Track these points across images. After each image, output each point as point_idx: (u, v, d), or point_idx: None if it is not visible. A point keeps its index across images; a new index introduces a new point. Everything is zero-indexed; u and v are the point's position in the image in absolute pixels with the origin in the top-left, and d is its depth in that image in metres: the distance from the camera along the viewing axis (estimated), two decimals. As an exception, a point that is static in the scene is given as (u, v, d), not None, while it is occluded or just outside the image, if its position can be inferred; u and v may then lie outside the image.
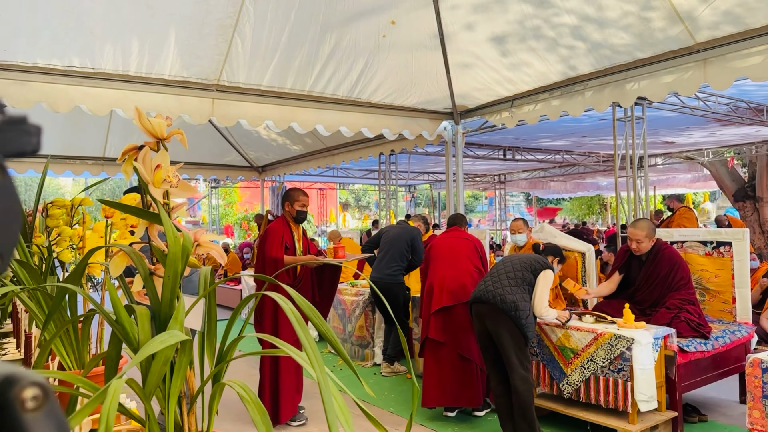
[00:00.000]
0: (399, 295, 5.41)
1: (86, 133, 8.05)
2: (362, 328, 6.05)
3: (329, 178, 16.56)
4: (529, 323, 3.56)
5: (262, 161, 10.77)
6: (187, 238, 1.01)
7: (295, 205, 4.16)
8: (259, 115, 5.20)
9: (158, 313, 1.01)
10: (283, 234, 4.07)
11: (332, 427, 0.80)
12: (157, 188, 1.01)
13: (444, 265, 4.42)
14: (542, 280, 3.70)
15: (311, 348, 0.87)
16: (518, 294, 3.59)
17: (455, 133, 6.38)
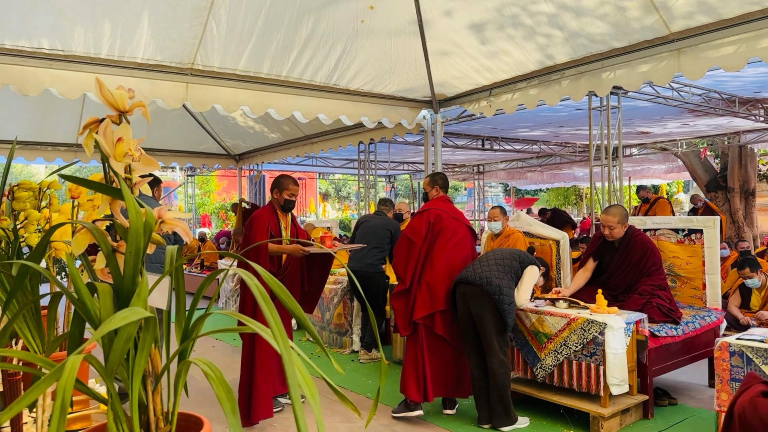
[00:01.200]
0: (379, 284, 5.42)
1: (58, 118, 7.87)
2: (340, 316, 6.05)
3: (308, 168, 16.45)
4: (511, 310, 3.65)
5: (239, 149, 10.65)
6: (149, 214, 0.99)
7: (284, 193, 4.06)
8: (234, 100, 5.13)
9: (120, 290, 0.99)
10: (269, 221, 3.97)
11: (294, 401, 0.79)
12: (118, 162, 0.99)
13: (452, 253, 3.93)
14: (529, 274, 3.82)
15: (275, 322, 0.86)
16: (504, 280, 3.65)
17: (434, 122, 6.38)
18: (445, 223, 3.95)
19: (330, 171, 19.57)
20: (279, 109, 5.37)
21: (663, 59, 4.22)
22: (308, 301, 4.24)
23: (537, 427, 3.75)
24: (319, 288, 4.27)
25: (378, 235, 5.61)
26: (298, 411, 0.77)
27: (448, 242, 3.92)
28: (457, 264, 3.92)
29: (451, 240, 3.93)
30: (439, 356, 3.92)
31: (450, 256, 3.91)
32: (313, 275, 4.21)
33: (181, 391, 1.07)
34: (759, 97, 8.30)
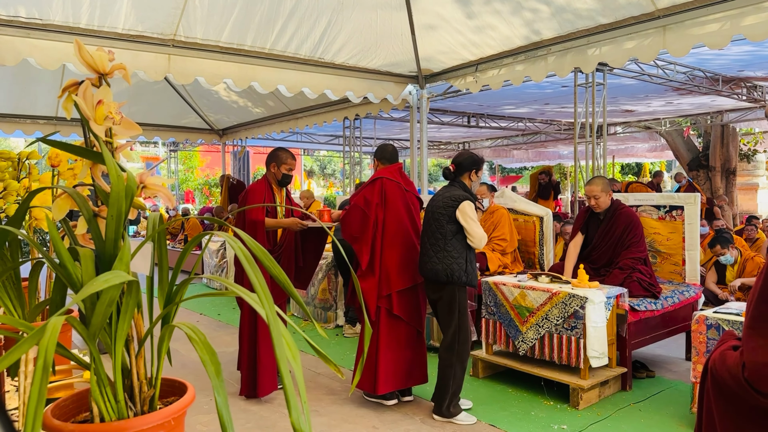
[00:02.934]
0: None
1: (38, 90, 7.69)
2: (325, 291, 6.08)
3: (293, 144, 16.30)
4: (469, 274, 3.40)
5: (222, 124, 10.53)
6: (131, 178, 0.98)
7: (282, 167, 3.92)
8: (217, 73, 5.06)
9: (102, 254, 0.98)
10: (265, 196, 3.88)
11: (281, 363, 0.80)
12: (98, 125, 0.97)
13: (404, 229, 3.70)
14: (462, 217, 3.38)
15: (261, 288, 0.86)
16: (446, 258, 3.36)
17: (420, 98, 6.35)
18: (398, 193, 3.68)
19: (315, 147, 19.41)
20: (263, 83, 5.30)
21: (648, 36, 4.23)
22: (302, 277, 4.18)
23: (518, 398, 3.83)
24: (313, 264, 4.22)
25: None
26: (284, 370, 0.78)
27: (403, 215, 3.67)
28: (412, 240, 3.69)
29: (408, 213, 3.70)
30: (395, 344, 3.64)
31: (405, 230, 3.67)
32: (308, 251, 4.15)
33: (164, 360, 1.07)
34: (742, 76, 8.37)
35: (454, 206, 3.43)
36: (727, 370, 1.05)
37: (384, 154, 3.81)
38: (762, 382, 0.99)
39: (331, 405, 3.77)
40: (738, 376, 1.03)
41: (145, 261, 1.13)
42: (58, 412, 0.97)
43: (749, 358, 1.01)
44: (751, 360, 1.01)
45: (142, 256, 1.13)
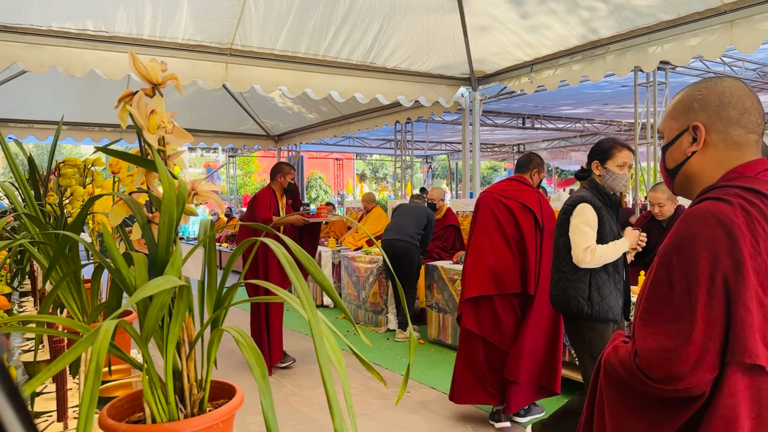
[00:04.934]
0: (415, 259, 5.41)
1: (104, 99, 8.09)
2: (376, 295, 6.10)
3: (345, 148, 16.49)
4: (595, 304, 2.60)
5: (278, 130, 10.75)
6: (182, 185, 1.00)
7: (288, 177, 4.63)
8: (272, 80, 5.17)
9: (155, 259, 1.01)
10: (270, 200, 4.56)
11: (323, 366, 0.80)
12: (152, 134, 1.00)
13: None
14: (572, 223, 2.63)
15: (303, 290, 0.86)
16: (560, 281, 2.68)
17: (473, 100, 6.28)
18: (485, 197, 3.51)
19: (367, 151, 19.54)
20: (316, 89, 5.38)
21: (714, 32, 4.02)
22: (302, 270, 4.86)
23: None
24: (312, 253, 4.88)
25: (417, 214, 5.61)
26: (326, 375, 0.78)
27: (488, 220, 3.42)
28: (493, 247, 3.41)
29: (493, 217, 3.43)
30: (464, 354, 3.45)
31: (486, 236, 3.44)
32: (305, 244, 4.70)
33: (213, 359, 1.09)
34: (820, 72, 7.84)
35: (569, 212, 2.67)
36: (619, 360, 1.11)
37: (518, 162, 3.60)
38: (651, 367, 1.05)
39: (382, 410, 3.76)
40: (630, 365, 1.08)
41: (197, 265, 1.16)
42: (113, 411, 1.00)
43: (640, 345, 1.07)
44: (642, 347, 1.06)
45: (194, 261, 1.15)
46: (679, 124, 1.21)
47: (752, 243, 1.03)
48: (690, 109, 1.20)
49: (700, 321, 1.03)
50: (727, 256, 1.03)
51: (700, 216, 1.07)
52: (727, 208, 1.06)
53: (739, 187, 1.10)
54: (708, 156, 1.18)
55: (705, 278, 1.03)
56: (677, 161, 1.22)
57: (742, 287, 1.02)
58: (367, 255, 6.34)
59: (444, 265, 5.28)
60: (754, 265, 1.02)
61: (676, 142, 1.22)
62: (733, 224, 1.04)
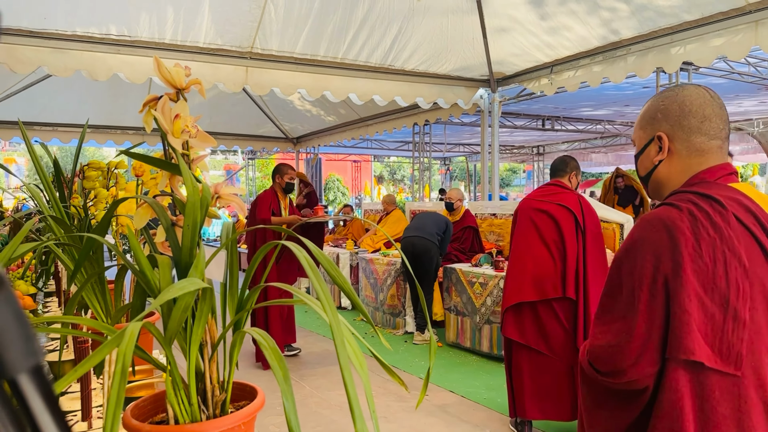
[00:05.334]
0: (434, 258, 5.40)
1: (127, 103, 8.22)
2: (394, 297, 6.10)
3: (363, 150, 16.53)
4: None
5: (297, 132, 10.82)
6: (206, 189, 1.01)
7: (285, 177, 4.78)
8: (292, 83, 5.20)
9: (179, 262, 1.02)
10: (271, 201, 4.71)
11: (344, 369, 0.80)
12: (176, 138, 1.01)
13: None
14: None
15: (324, 293, 0.86)
16: None
17: (492, 102, 6.26)
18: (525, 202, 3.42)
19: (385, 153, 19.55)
20: (335, 92, 5.40)
21: (739, 32, 3.95)
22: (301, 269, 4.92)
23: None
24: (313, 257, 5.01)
25: (437, 218, 5.61)
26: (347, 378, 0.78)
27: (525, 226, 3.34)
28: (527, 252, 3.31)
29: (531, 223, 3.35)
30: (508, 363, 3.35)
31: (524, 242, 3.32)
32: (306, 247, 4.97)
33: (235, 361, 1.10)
34: None
35: None
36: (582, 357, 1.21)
37: None
38: (599, 361, 1.14)
39: (401, 412, 3.76)
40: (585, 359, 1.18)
41: (219, 268, 1.17)
42: (137, 412, 1.02)
43: (591, 342, 1.17)
44: (593, 343, 1.16)
45: (216, 263, 1.16)
46: (646, 134, 1.28)
47: (694, 246, 1.09)
48: (654, 119, 1.26)
49: (641, 319, 1.11)
50: (668, 258, 1.09)
51: (649, 221, 1.15)
52: (675, 213, 1.13)
53: (694, 192, 1.16)
54: (673, 163, 1.24)
55: (647, 279, 1.10)
56: (647, 169, 1.29)
57: (680, 288, 1.08)
58: (385, 257, 6.35)
59: (462, 268, 5.26)
60: (694, 267, 1.08)
61: (645, 151, 1.28)
62: (677, 228, 1.10)
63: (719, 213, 1.11)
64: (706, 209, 1.12)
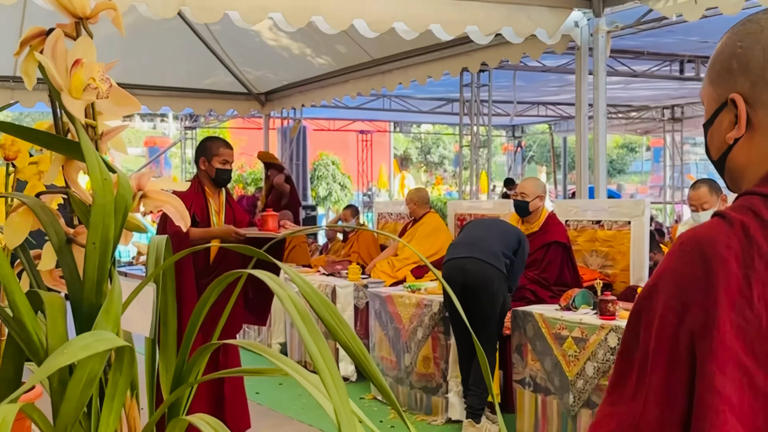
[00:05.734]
0: (498, 294, 5.37)
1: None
2: (428, 361, 6.09)
3: (377, 114, 16.59)
4: None
5: (266, 84, 10.89)
6: (123, 183, 1.03)
7: (214, 161, 4.75)
8: (259, 4, 5.24)
9: (79, 303, 1.04)
10: (192, 202, 4.58)
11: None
12: (75, 99, 1.03)
13: None
14: None
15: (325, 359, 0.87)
16: None
17: (594, 32, 6.24)
18: None
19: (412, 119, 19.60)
20: (330, 17, 5.42)
21: None
22: (256, 311, 4.98)
23: None
24: (268, 295, 4.77)
25: (504, 230, 5.59)
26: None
27: None
28: None
29: None
30: None
31: None
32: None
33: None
34: None
35: None
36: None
37: None
38: None
39: None
40: None
41: (144, 313, 1.18)
42: None
43: (592, 426, 1.23)
44: (592, 428, 1.23)
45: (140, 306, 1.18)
46: (717, 94, 1.28)
47: (741, 287, 1.08)
48: (728, 70, 1.25)
49: (654, 401, 1.13)
50: (698, 306, 1.10)
51: (683, 245, 1.17)
52: (722, 231, 1.13)
53: (763, 194, 1.16)
54: (756, 143, 1.23)
55: (667, 338, 1.13)
56: (719, 150, 1.29)
57: (709, 354, 1.08)
58: (413, 293, 6.35)
59: (545, 312, 5.24)
60: (736, 320, 1.08)
61: (716, 121, 1.28)
62: (717, 257, 1.10)
63: None
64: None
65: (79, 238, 1.09)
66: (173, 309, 1.18)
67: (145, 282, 1.08)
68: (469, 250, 5.42)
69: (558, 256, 5.96)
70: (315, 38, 8.50)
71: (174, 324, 1.17)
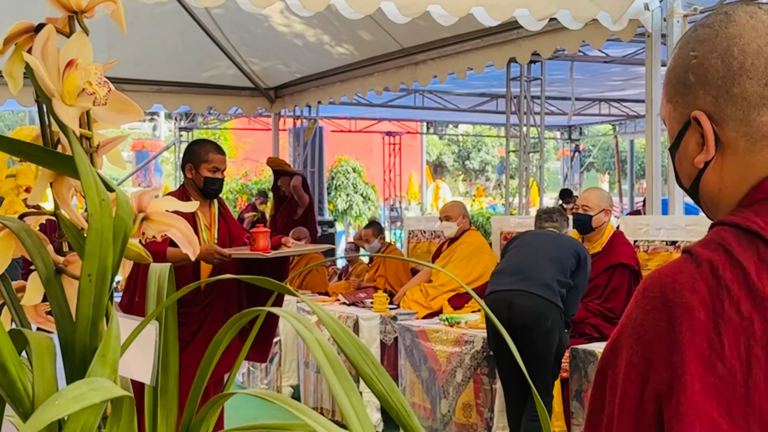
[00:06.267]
0: (554, 332, 5.33)
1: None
2: (469, 409, 6.08)
3: (407, 113, 16.59)
4: None
5: (276, 78, 10.93)
6: (124, 204, 1.04)
7: (203, 168, 4.85)
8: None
9: (71, 345, 1.05)
10: None
11: None
12: (68, 105, 1.04)
13: None
14: None
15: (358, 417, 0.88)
16: None
17: (668, 16, 6.23)
18: None
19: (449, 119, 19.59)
20: (355, 0, 5.45)
21: None
22: (256, 346, 4.80)
23: None
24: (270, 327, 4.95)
25: (558, 247, 5.56)
26: None
27: None
28: None
29: None
30: None
31: None
32: (257, 301, 4.69)
33: None
34: None
35: None
36: None
37: None
38: None
39: None
40: None
41: (145, 356, 1.19)
42: None
43: None
44: None
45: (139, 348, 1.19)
46: (678, 113, 1.30)
47: (709, 338, 1.09)
48: (685, 85, 1.27)
49: None
50: (663, 363, 1.12)
51: (646, 290, 1.19)
52: (687, 272, 1.15)
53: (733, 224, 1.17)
54: (728, 167, 1.25)
55: (632, 401, 1.14)
56: (690, 176, 1.32)
57: (677, 416, 1.09)
58: (451, 327, 6.34)
59: (610, 352, 5.21)
60: (707, 376, 1.09)
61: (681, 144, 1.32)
62: (681, 306, 1.12)
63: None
64: (746, 261, 1.12)
65: (70, 268, 1.10)
66: (175, 350, 1.19)
67: (146, 320, 1.09)
68: (516, 280, 5.37)
69: (624, 281, 5.90)
70: (334, 24, 8.54)
71: (176, 367, 1.18)
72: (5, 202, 1.87)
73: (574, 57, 9.70)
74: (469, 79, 9.38)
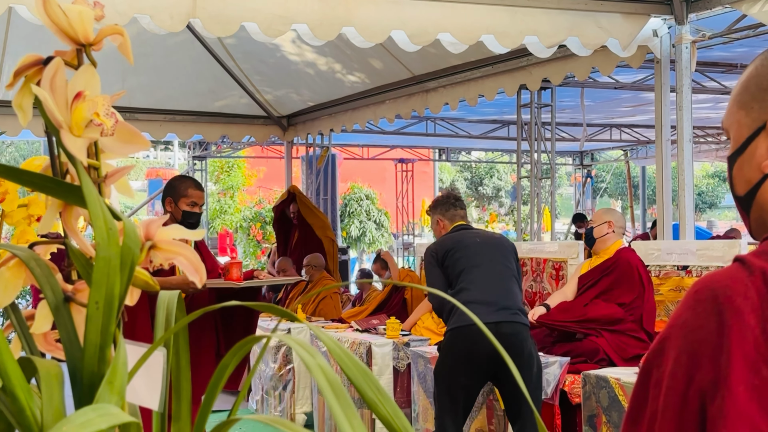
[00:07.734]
0: (533, 354, 5.31)
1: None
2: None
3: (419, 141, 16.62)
4: None
5: (288, 107, 10.95)
6: (131, 233, 1.05)
7: (181, 202, 5.10)
8: (282, 14, 5.30)
9: (79, 371, 1.06)
10: None
11: None
12: (76, 136, 1.06)
13: None
14: None
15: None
16: None
17: (677, 42, 6.24)
18: None
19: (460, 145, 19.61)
20: (364, 29, 5.47)
21: None
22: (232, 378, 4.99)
23: None
24: None
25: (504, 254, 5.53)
26: None
27: None
28: None
29: None
30: None
31: None
32: (234, 331, 5.01)
33: None
34: None
35: None
36: None
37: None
38: None
39: None
40: None
41: (152, 382, 1.20)
42: None
43: None
44: None
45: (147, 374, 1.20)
46: (750, 118, 1.31)
47: (756, 342, 1.12)
48: (766, 90, 1.28)
49: None
50: (709, 363, 1.14)
51: (698, 293, 1.21)
52: (739, 279, 1.17)
53: None
54: None
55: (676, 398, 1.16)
56: (749, 183, 1.32)
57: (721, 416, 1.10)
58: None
59: (621, 377, 5.19)
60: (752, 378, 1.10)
61: (749, 149, 1.31)
62: (732, 310, 1.14)
63: None
64: None
65: (78, 296, 1.11)
66: (187, 377, 1.20)
67: (154, 346, 1.10)
68: (494, 311, 5.29)
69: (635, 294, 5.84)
70: (346, 52, 8.57)
71: (188, 394, 1.19)
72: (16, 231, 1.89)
73: (584, 83, 9.70)
74: (480, 106, 9.38)
